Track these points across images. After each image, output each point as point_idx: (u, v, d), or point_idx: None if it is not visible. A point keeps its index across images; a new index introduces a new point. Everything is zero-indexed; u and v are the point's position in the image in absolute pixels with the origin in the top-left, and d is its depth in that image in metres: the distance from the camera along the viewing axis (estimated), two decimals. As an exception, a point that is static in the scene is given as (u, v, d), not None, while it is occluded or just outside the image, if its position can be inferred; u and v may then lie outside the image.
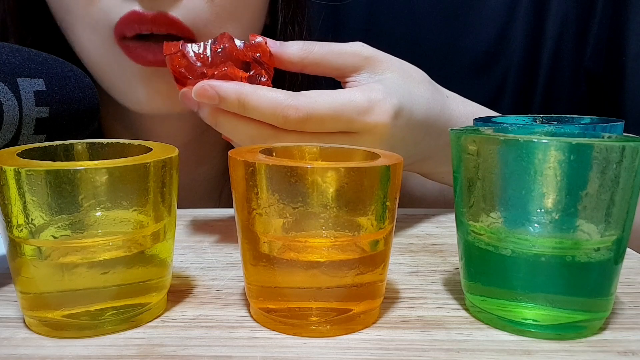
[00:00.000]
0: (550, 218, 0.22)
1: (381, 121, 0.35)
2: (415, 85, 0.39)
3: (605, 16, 0.86)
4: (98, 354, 0.22)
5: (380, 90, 0.36)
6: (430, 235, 0.38)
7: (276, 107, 0.33)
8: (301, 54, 0.37)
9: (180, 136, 0.54)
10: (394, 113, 0.35)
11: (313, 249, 0.23)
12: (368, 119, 0.35)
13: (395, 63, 0.39)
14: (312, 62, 0.37)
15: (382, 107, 0.35)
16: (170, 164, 0.24)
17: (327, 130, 0.35)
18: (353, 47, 0.38)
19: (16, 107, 0.30)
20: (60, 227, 0.22)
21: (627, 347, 0.23)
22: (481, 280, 0.25)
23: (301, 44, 0.37)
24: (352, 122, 0.34)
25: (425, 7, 0.87)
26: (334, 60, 0.37)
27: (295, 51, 0.37)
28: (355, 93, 0.35)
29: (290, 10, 0.52)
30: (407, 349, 0.23)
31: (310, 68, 0.38)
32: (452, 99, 0.42)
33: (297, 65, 0.37)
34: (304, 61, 0.37)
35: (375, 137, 0.36)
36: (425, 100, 0.38)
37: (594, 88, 0.89)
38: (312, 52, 0.37)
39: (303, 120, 0.33)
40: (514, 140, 0.22)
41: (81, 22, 0.43)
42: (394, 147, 0.37)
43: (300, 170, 0.22)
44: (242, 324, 0.25)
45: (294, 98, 0.33)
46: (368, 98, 0.35)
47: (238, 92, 0.33)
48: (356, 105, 0.34)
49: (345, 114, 0.34)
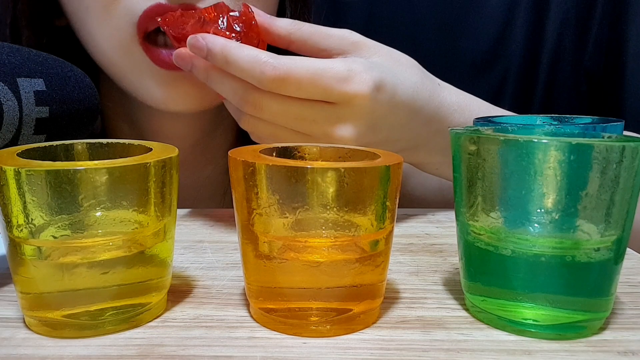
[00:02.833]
0: (550, 218, 0.22)
1: (360, 91, 0.35)
2: (403, 68, 0.39)
3: (605, 16, 0.86)
4: (98, 354, 0.22)
5: (362, 63, 0.36)
6: (430, 235, 0.38)
7: (255, 63, 0.34)
8: (289, 28, 0.38)
9: (188, 137, 0.54)
10: (374, 85, 0.35)
11: (313, 249, 0.23)
12: (347, 87, 0.35)
13: (383, 49, 0.39)
14: (299, 38, 0.38)
15: (362, 77, 0.35)
16: (170, 164, 0.24)
17: (305, 96, 0.35)
18: (341, 32, 0.38)
19: (16, 107, 0.30)
20: (60, 227, 0.22)
21: (627, 347, 0.23)
22: (481, 280, 0.25)
23: (291, 20, 0.38)
24: (331, 89, 0.35)
25: (425, 7, 0.87)
26: (321, 40, 0.38)
27: (283, 25, 0.38)
28: (336, 62, 0.35)
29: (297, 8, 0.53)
30: (407, 349, 0.23)
31: (297, 44, 0.38)
32: (444, 87, 0.42)
33: (284, 40, 0.38)
34: (291, 36, 0.38)
35: (354, 110, 0.36)
36: (411, 83, 0.38)
37: (594, 88, 0.89)
38: (301, 29, 0.38)
39: (280, 79, 0.34)
40: (514, 140, 0.22)
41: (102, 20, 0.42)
42: (376, 126, 0.37)
43: (300, 170, 0.22)
44: (242, 324, 0.25)
45: (275, 57, 0.34)
46: (348, 67, 0.35)
47: (223, 46, 0.35)
48: (336, 73, 0.35)
49: (323, 80, 0.34)
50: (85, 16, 0.43)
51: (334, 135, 0.36)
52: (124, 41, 0.42)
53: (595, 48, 0.87)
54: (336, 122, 0.36)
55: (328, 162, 0.28)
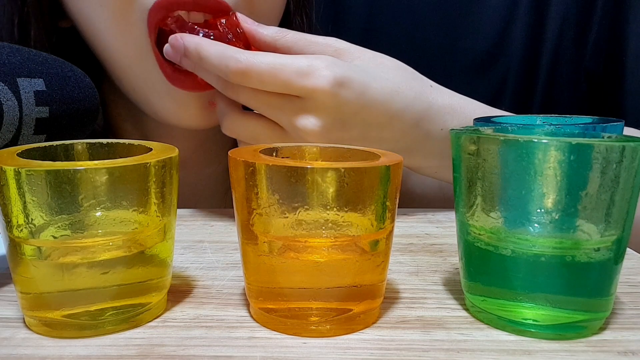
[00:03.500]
0: (550, 218, 0.22)
1: (319, 85, 0.36)
2: (383, 69, 0.39)
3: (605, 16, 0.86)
4: (98, 354, 0.22)
5: (326, 60, 0.37)
6: (430, 235, 0.38)
7: (222, 57, 0.36)
8: (274, 35, 0.39)
9: (192, 139, 0.54)
10: (334, 81, 0.36)
11: (313, 249, 0.23)
12: (306, 81, 0.36)
13: (366, 53, 0.40)
14: (284, 45, 0.39)
15: (321, 73, 0.36)
16: (170, 164, 0.24)
17: (267, 89, 0.36)
18: (326, 39, 0.40)
19: (16, 107, 0.30)
20: (60, 227, 0.22)
21: (627, 347, 0.23)
22: (481, 280, 0.25)
23: (276, 28, 0.40)
24: (290, 82, 0.36)
25: (425, 7, 0.87)
26: (305, 47, 0.39)
27: (269, 32, 0.40)
28: (299, 57, 0.37)
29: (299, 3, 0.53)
30: (407, 349, 0.23)
31: (282, 51, 0.39)
32: (436, 89, 0.42)
33: (270, 47, 0.40)
34: (276, 43, 0.39)
35: (317, 104, 0.36)
36: (390, 82, 0.38)
37: (594, 88, 0.89)
38: (285, 36, 0.39)
39: (242, 72, 0.36)
40: (514, 140, 0.22)
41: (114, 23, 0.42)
42: (345, 122, 0.37)
43: (300, 170, 0.22)
44: (242, 324, 0.25)
45: (241, 53, 0.36)
46: (309, 63, 0.36)
47: (197, 44, 0.37)
48: (296, 67, 0.36)
49: (283, 74, 0.35)
50: (96, 19, 0.43)
51: (298, 125, 0.37)
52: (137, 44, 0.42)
53: (595, 48, 0.87)
54: (300, 112, 0.37)
55: (328, 162, 0.28)
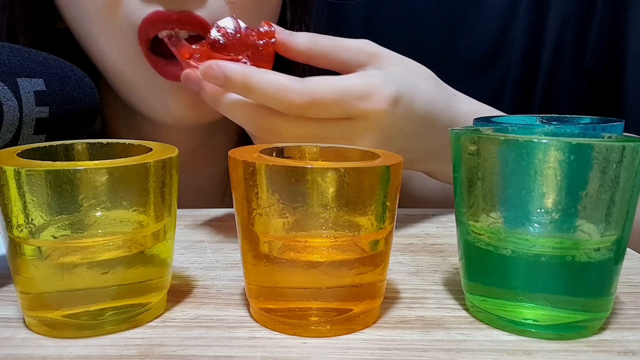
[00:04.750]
0: (550, 218, 0.22)
1: (379, 107, 0.35)
2: (419, 79, 0.39)
3: (605, 16, 0.86)
4: (98, 354, 0.22)
5: (379, 77, 0.36)
6: (430, 235, 0.38)
7: (281, 91, 0.34)
8: (308, 44, 0.38)
9: (189, 141, 0.54)
10: (393, 100, 0.35)
11: (313, 249, 0.23)
12: (367, 105, 0.35)
13: (400, 59, 0.39)
14: (318, 53, 0.38)
15: (381, 94, 0.35)
16: (170, 164, 0.24)
17: (329, 117, 0.35)
18: (359, 43, 0.38)
19: (16, 107, 0.30)
20: (60, 227, 0.22)
21: (627, 347, 0.23)
22: (481, 280, 0.25)
23: (309, 35, 0.38)
24: (352, 107, 0.35)
25: (425, 7, 0.87)
26: (340, 54, 0.38)
27: (302, 41, 0.38)
28: (355, 78, 0.35)
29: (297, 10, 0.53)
30: (407, 349, 0.23)
31: (316, 59, 0.38)
32: (459, 97, 0.42)
33: (303, 55, 0.38)
34: (310, 52, 0.38)
35: (370, 124, 0.36)
36: (427, 94, 0.38)
37: (594, 88, 0.89)
38: (319, 43, 0.38)
39: (308, 105, 0.34)
40: (514, 140, 0.22)
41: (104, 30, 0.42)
42: (392, 137, 0.37)
43: (300, 170, 0.22)
44: (242, 324, 0.25)
45: (299, 82, 0.34)
46: (367, 83, 0.35)
47: (244, 74, 0.34)
48: (357, 90, 0.35)
49: (348, 99, 0.34)
50: (90, 26, 0.43)
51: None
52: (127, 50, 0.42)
53: (595, 48, 0.87)
54: (352, 136, 0.36)
55: (328, 162, 0.28)
